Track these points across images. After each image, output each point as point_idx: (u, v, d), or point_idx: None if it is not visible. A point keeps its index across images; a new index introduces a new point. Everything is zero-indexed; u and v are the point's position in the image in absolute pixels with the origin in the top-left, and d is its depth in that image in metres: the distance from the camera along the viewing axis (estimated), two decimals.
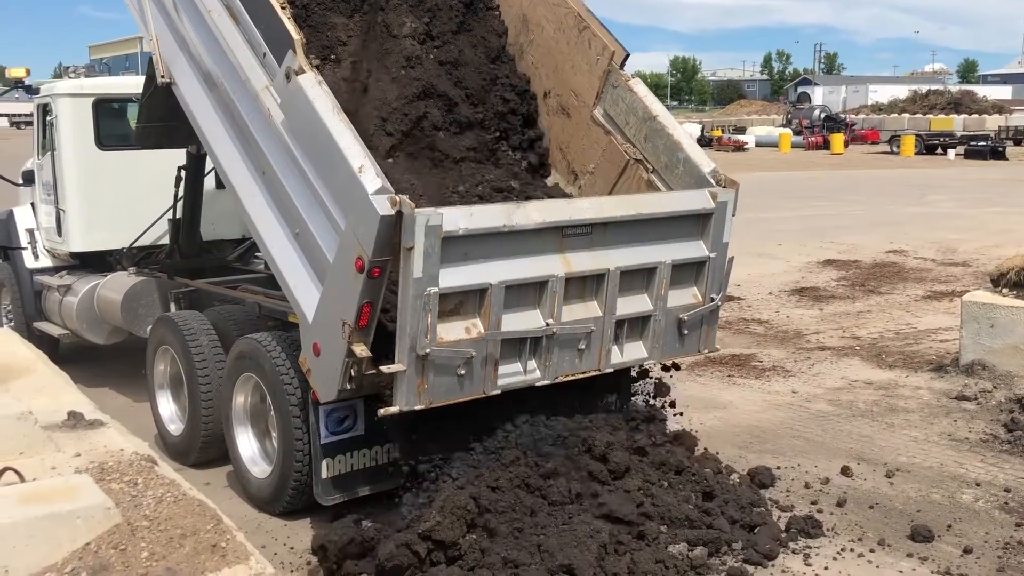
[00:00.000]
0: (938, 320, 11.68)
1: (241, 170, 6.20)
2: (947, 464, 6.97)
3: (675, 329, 6.15)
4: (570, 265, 5.59)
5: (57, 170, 9.31)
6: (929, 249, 17.39)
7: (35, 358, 5.70)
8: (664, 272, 5.98)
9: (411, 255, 4.94)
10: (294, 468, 6.00)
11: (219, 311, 7.41)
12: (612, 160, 6.92)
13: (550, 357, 5.57)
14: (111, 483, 3.66)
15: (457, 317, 5.24)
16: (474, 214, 5.26)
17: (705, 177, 6.29)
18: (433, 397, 5.17)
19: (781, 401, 8.55)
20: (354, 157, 5.10)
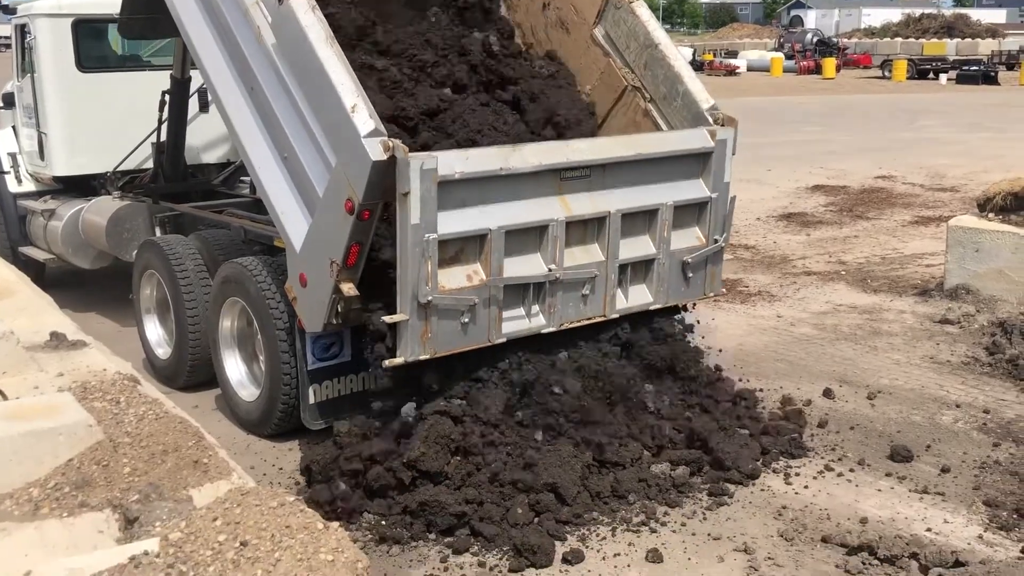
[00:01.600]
0: (924, 245, 11.70)
1: (228, 83, 6.03)
2: (928, 386, 7.04)
3: (679, 272, 6.09)
4: (570, 208, 5.53)
5: (37, 93, 9.17)
6: (918, 174, 17.34)
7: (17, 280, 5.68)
8: (666, 214, 5.90)
9: (407, 201, 4.87)
10: (281, 392, 6.03)
11: (204, 235, 7.38)
12: (609, 84, 6.80)
13: (554, 303, 5.52)
14: (93, 401, 3.67)
15: (458, 264, 5.19)
16: (470, 157, 5.19)
17: (703, 114, 6.18)
18: (437, 346, 5.13)
19: (766, 325, 8.60)
20: (347, 95, 4.98)
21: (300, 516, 2.78)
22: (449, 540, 4.83)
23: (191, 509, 2.98)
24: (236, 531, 2.70)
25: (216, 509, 2.80)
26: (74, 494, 3.16)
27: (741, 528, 5.06)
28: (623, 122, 6.74)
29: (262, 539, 2.68)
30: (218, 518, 2.77)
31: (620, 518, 5.06)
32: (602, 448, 5.31)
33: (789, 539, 4.93)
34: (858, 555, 4.77)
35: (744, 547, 4.84)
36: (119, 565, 2.57)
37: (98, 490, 3.18)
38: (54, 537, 3.01)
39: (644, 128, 6.56)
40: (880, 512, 5.19)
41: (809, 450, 5.92)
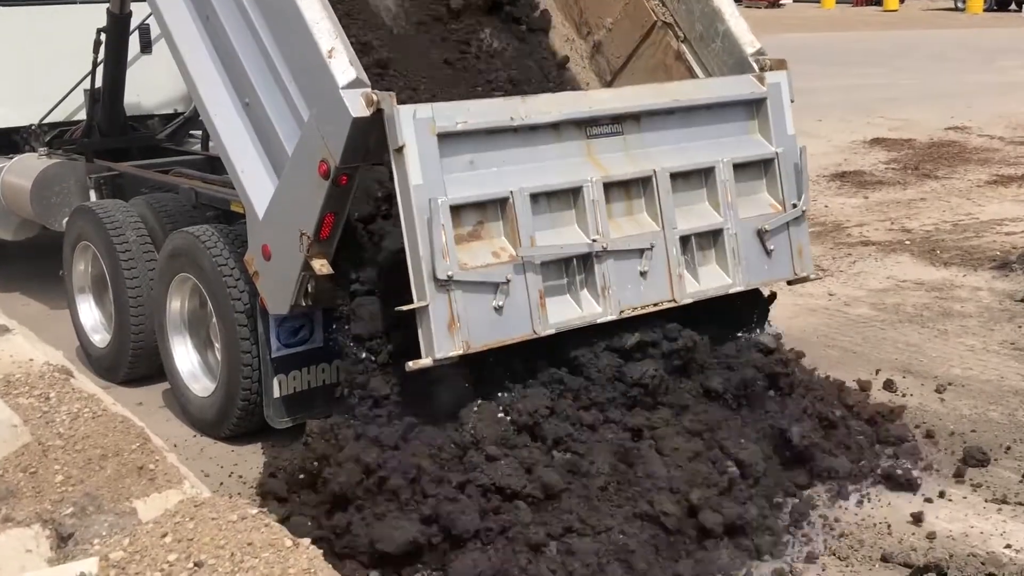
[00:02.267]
0: (1004, 209, 11.71)
1: (178, 8, 5.94)
2: (1008, 377, 7.06)
3: (758, 246, 5.89)
4: (604, 168, 5.40)
5: None
6: (997, 125, 17.32)
7: None
8: (724, 173, 5.76)
9: (403, 158, 4.75)
10: (241, 385, 6.03)
11: (148, 200, 7.38)
12: (635, 18, 6.74)
13: (607, 285, 5.30)
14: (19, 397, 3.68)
15: (480, 241, 5.03)
16: (471, 108, 5.09)
17: (747, 59, 6.10)
18: (471, 338, 4.87)
19: (816, 305, 8.60)
20: (323, 36, 4.89)
21: (264, 532, 2.80)
22: None
23: (135, 523, 2.99)
24: (189, 549, 2.71)
25: (165, 524, 2.82)
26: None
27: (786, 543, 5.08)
28: (651, 64, 6.69)
29: (220, 559, 2.69)
30: (168, 534, 2.78)
31: None
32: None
33: (843, 558, 4.95)
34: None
35: (790, 570, 4.86)
36: None
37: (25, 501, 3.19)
38: None
39: (676, 73, 6.50)
40: (950, 526, 5.21)
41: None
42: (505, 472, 4.78)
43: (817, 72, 22.94)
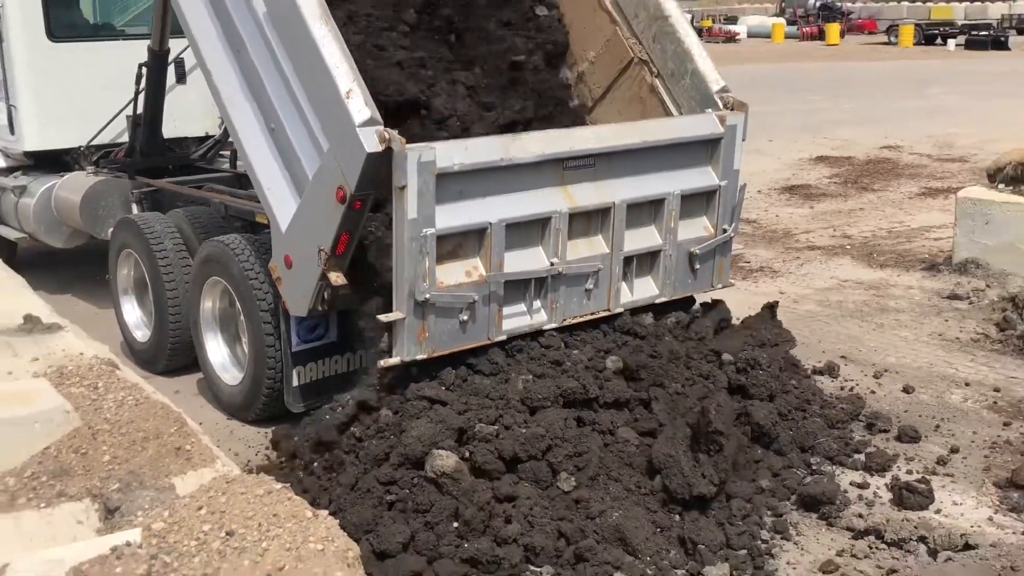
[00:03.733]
0: (932, 218, 11.71)
1: (211, 41, 5.89)
2: (936, 364, 7.07)
3: (686, 264, 5.96)
4: (573, 199, 5.42)
5: (6, 63, 9.11)
6: (925, 144, 17.35)
7: None
8: (673, 203, 5.79)
9: (404, 194, 4.77)
10: (266, 375, 6.01)
11: (183, 212, 7.35)
12: (615, 54, 6.71)
13: (556, 299, 5.39)
14: (71, 387, 3.66)
15: (456, 260, 5.08)
16: (469, 148, 5.08)
17: (713, 96, 6.09)
18: (435, 345, 4.99)
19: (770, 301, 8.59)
20: (342, 78, 4.87)
21: (288, 504, 2.78)
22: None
23: (174, 498, 2.98)
24: (222, 520, 2.70)
25: (200, 498, 2.81)
26: (52, 484, 3.16)
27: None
28: (627, 95, 6.67)
29: (249, 528, 2.68)
30: (203, 507, 2.77)
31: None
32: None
33: (793, 523, 4.94)
34: (864, 539, 4.80)
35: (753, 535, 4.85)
36: (100, 556, 2.57)
37: (77, 479, 3.18)
38: (31, 528, 3.01)
39: (649, 104, 6.49)
40: (887, 495, 5.21)
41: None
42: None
43: (769, 98, 22.97)
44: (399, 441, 4.74)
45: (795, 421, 5.62)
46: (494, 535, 4.51)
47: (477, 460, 4.68)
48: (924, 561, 4.59)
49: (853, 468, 5.48)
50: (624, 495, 4.85)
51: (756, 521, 4.88)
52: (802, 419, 5.66)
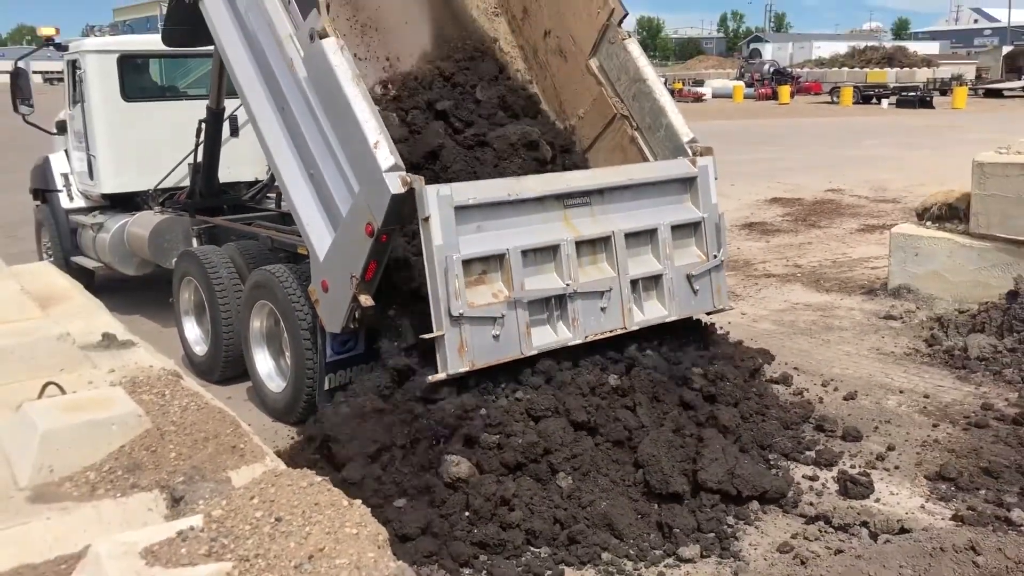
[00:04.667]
0: (870, 250, 11.72)
1: (260, 100, 5.93)
2: (875, 375, 7.06)
3: (687, 286, 5.90)
4: (577, 230, 5.44)
5: (87, 120, 9.17)
6: (863, 188, 17.38)
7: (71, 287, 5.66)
8: (664, 233, 5.79)
9: (429, 225, 4.82)
10: (305, 383, 6.02)
11: (236, 245, 7.37)
12: (600, 111, 6.74)
13: (576, 317, 5.34)
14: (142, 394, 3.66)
15: (483, 284, 5.08)
16: (480, 187, 5.14)
17: (683, 146, 6.13)
18: (475, 358, 4.93)
19: (733, 321, 8.57)
20: (370, 131, 4.92)
21: (327, 495, 2.78)
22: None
23: (230, 489, 2.97)
24: (271, 508, 2.69)
25: (253, 489, 2.80)
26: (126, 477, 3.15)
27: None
28: (611, 145, 6.70)
29: (294, 515, 2.67)
30: (255, 497, 2.76)
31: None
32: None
33: (754, 510, 4.93)
34: (815, 524, 4.78)
35: (719, 521, 4.83)
36: (168, 539, 2.56)
37: (147, 473, 3.17)
38: (109, 515, 3.00)
39: (630, 153, 6.52)
40: (834, 485, 5.20)
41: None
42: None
43: (731, 149, 23.02)
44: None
45: (755, 423, 5.61)
46: (500, 521, 4.51)
47: (485, 466, 4.69)
48: (866, 543, 4.57)
49: (805, 463, 5.47)
50: (611, 487, 4.84)
51: (723, 508, 4.87)
52: (761, 421, 5.65)
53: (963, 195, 8.75)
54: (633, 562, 4.46)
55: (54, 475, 3.15)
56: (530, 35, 7.29)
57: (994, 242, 8.30)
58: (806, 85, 58.13)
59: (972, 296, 8.32)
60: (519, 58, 7.35)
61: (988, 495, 5.01)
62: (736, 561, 4.49)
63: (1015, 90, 51.56)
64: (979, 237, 8.42)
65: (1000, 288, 7.98)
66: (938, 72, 55.02)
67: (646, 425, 5.15)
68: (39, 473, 3.14)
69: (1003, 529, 4.56)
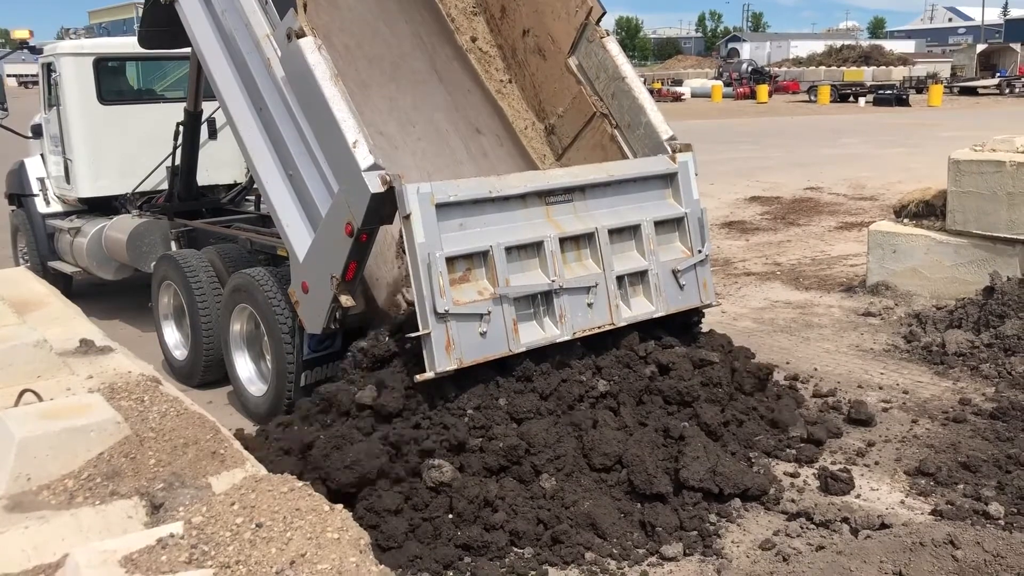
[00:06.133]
0: (848, 248, 11.80)
1: (238, 101, 5.89)
2: (854, 371, 7.10)
3: (673, 282, 5.87)
4: (560, 227, 5.42)
5: (63, 123, 9.09)
6: (841, 186, 17.49)
7: (49, 293, 5.61)
8: (647, 229, 5.77)
9: (411, 223, 4.78)
10: (287, 386, 5.97)
11: (215, 249, 7.32)
12: (580, 109, 6.75)
13: (563, 313, 5.30)
14: (120, 401, 3.63)
15: (468, 283, 5.04)
16: (460, 184, 5.10)
17: (663, 144, 6.14)
18: (462, 355, 4.86)
19: (713, 320, 8.53)
20: (349, 131, 4.90)
21: (308, 499, 2.76)
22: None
23: (211, 495, 2.95)
24: (252, 514, 2.68)
25: (233, 495, 2.78)
26: (105, 484, 3.12)
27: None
28: (591, 143, 6.71)
29: (275, 520, 2.66)
30: (235, 503, 2.74)
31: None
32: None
33: (736, 507, 4.94)
34: (796, 520, 4.80)
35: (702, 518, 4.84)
36: (148, 547, 2.54)
37: (127, 480, 3.14)
38: (88, 523, 2.97)
39: (610, 151, 6.53)
40: (815, 483, 5.22)
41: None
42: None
43: (710, 148, 23.12)
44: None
45: (739, 422, 5.62)
46: (484, 523, 4.50)
47: (468, 469, 4.68)
48: (847, 539, 4.59)
49: (786, 460, 5.49)
50: (594, 487, 4.84)
51: (705, 507, 4.88)
52: (745, 420, 5.67)
53: (939, 192, 8.83)
54: (616, 561, 4.46)
55: (31, 483, 3.12)
56: (509, 34, 7.29)
57: (970, 238, 8.38)
58: (784, 84, 58.47)
59: (949, 292, 8.39)
60: (498, 57, 7.34)
61: (967, 489, 5.04)
62: (719, 559, 4.50)
63: (989, 88, 52.08)
64: (955, 234, 8.50)
65: (976, 284, 8.05)
66: (914, 70, 55.57)
67: (629, 426, 5.16)
68: (16, 482, 3.10)
69: (981, 523, 4.60)
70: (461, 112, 7.01)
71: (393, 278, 5.88)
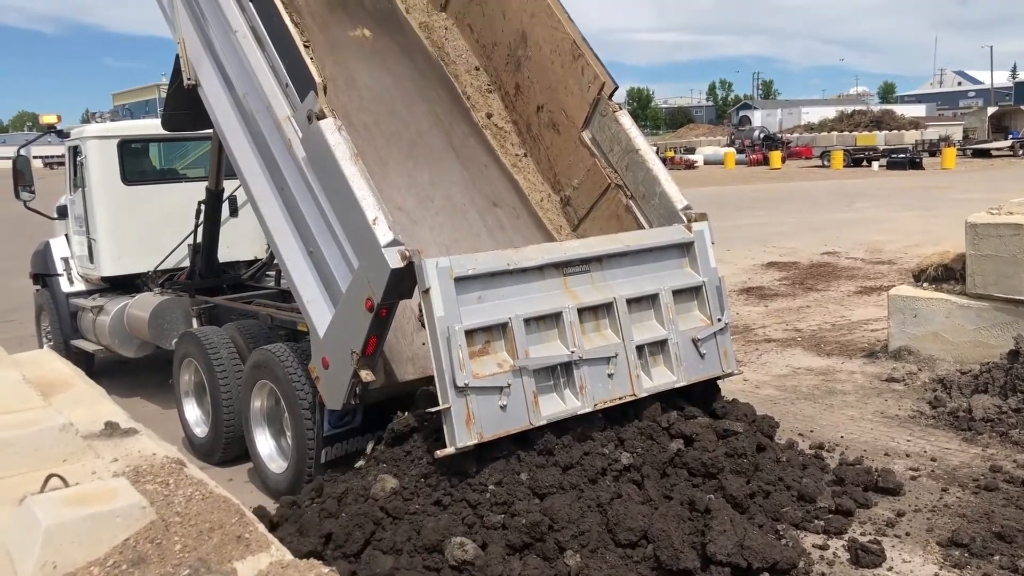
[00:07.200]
0: (868, 312, 11.74)
1: (260, 181, 6.00)
2: (880, 438, 7.01)
3: (693, 351, 5.85)
4: (578, 297, 5.44)
5: (88, 204, 9.28)
6: (858, 250, 17.48)
7: (73, 374, 5.64)
8: (666, 298, 5.78)
9: (430, 297, 4.82)
10: (307, 463, 5.96)
11: (236, 325, 7.37)
12: (595, 181, 6.84)
13: (583, 384, 5.29)
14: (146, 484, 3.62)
15: (488, 356, 5.04)
16: (479, 258, 5.15)
17: (678, 213, 6.20)
18: (483, 430, 4.84)
19: (734, 388, 8.51)
20: (369, 208, 4.98)
21: None
22: None
23: None
24: None
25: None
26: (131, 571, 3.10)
27: None
28: (606, 214, 6.78)
29: None
30: None
31: None
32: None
33: None
34: None
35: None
36: None
37: (153, 566, 3.12)
38: None
39: (626, 221, 6.58)
40: (845, 554, 5.12)
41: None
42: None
43: (725, 214, 23.25)
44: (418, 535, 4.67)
45: (766, 493, 5.55)
46: None
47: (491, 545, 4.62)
48: None
49: (815, 532, 5.39)
50: (620, 563, 4.76)
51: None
52: (772, 491, 5.59)
53: (958, 256, 8.82)
54: None
55: (58, 572, 3.10)
56: (523, 110, 7.43)
57: (992, 302, 8.33)
58: (796, 150, 58.89)
59: (973, 356, 8.31)
60: (513, 132, 7.48)
61: (1003, 560, 4.93)
62: None
63: (1002, 149, 52.27)
64: (976, 297, 8.46)
65: (1001, 348, 7.98)
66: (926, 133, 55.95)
67: (654, 499, 5.09)
68: (42, 570, 3.09)
69: None
70: (478, 186, 7.11)
71: (412, 352, 5.90)
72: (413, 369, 5.79)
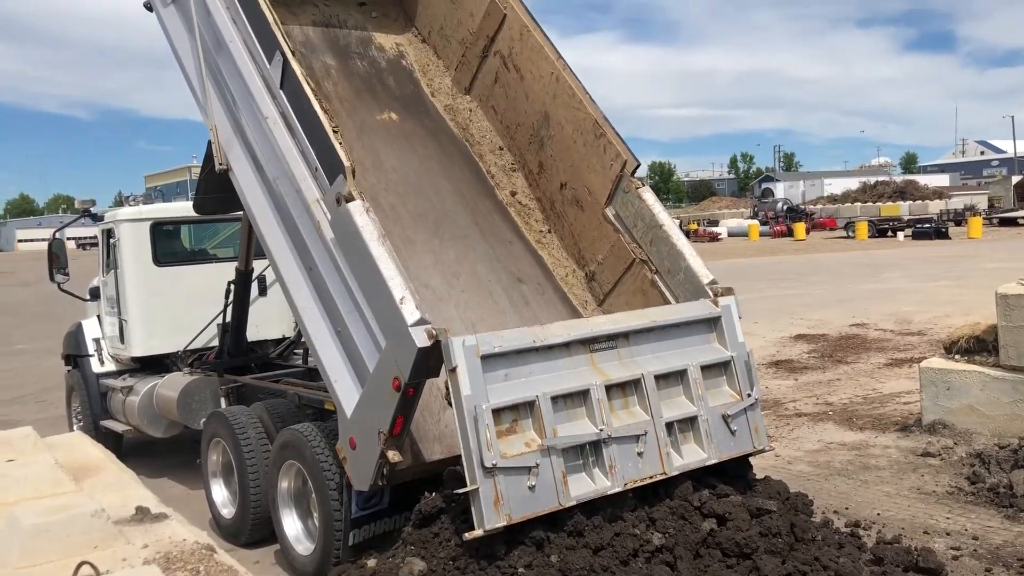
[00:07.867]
0: (900, 385, 11.58)
1: (289, 261, 6.06)
2: (918, 516, 6.85)
3: (723, 427, 5.78)
4: (605, 374, 5.41)
5: (120, 285, 9.43)
6: (887, 321, 17.33)
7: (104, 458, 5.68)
8: (694, 373, 5.72)
9: (457, 375, 4.82)
10: (334, 546, 5.89)
11: (264, 404, 7.38)
12: (619, 256, 6.87)
13: (613, 464, 5.22)
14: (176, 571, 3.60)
15: (515, 435, 4.99)
16: (505, 335, 5.14)
17: (704, 288, 6.19)
18: (511, 511, 4.75)
19: (766, 464, 8.38)
20: (396, 288, 5.02)
21: None
22: None
23: None
24: None
25: None
26: None
27: None
28: (631, 289, 6.78)
29: None
30: None
31: None
32: None
33: None
34: None
35: None
36: None
37: None
38: None
39: (651, 296, 6.58)
40: None
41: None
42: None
43: (750, 287, 23.19)
44: None
45: (802, 574, 5.40)
46: None
47: None
48: None
49: None
50: None
51: None
52: (808, 572, 5.44)
53: (989, 327, 8.72)
54: None
55: None
56: (547, 188, 7.52)
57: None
58: (820, 221, 58.92)
59: (1011, 430, 8.15)
60: (537, 209, 7.56)
61: None
62: None
63: None
64: (1011, 369, 8.34)
65: None
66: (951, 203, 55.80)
67: None
68: None
69: None
70: (503, 263, 7.17)
71: (439, 431, 5.88)
72: (440, 448, 5.75)
